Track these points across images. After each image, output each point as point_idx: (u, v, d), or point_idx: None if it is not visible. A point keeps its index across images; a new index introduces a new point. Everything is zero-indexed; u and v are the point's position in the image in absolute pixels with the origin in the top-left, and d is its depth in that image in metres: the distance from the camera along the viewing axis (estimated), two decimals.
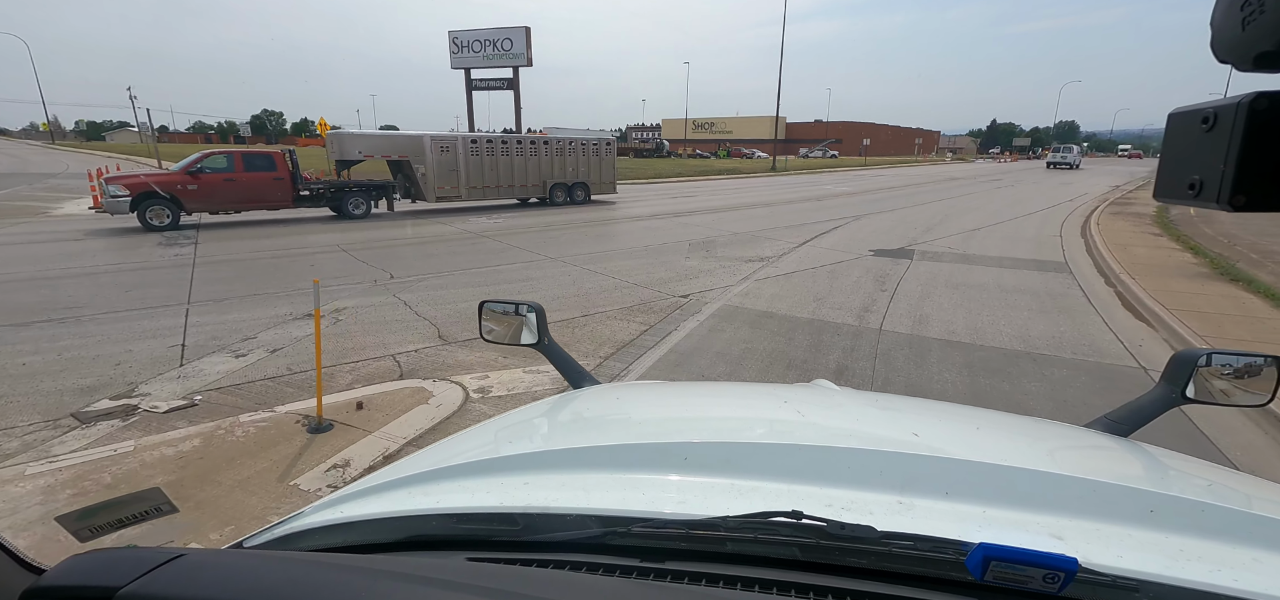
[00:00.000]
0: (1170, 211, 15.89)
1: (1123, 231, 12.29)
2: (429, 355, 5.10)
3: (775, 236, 11.56)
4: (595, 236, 11.67)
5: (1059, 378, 4.75)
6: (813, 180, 30.49)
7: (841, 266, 8.86)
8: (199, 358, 4.97)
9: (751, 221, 13.77)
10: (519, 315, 1.66)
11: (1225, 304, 6.81)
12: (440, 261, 9.10)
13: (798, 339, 5.62)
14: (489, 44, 41.56)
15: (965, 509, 0.80)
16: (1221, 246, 10.44)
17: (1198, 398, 1.26)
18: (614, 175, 19.08)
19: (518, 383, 4.53)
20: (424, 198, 15.43)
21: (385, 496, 0.94)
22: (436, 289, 7.30)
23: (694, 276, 8.16)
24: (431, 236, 11.63)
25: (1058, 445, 1.19)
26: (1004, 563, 0.60)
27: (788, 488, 0.86)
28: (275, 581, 0.60)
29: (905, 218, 14.88)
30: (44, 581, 0.60)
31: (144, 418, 3.90)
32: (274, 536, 0.90)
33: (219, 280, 7.75)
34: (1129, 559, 0.69)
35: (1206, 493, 0.93)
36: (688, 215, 14.93)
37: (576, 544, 0.78)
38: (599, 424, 1.31)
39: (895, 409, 1.41)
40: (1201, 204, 0.45)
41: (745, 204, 17.86)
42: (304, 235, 11.68)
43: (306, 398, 4.16)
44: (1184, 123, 0.47)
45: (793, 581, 0.69)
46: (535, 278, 8.01)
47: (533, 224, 13.23)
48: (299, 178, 13.43)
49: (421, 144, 15.10)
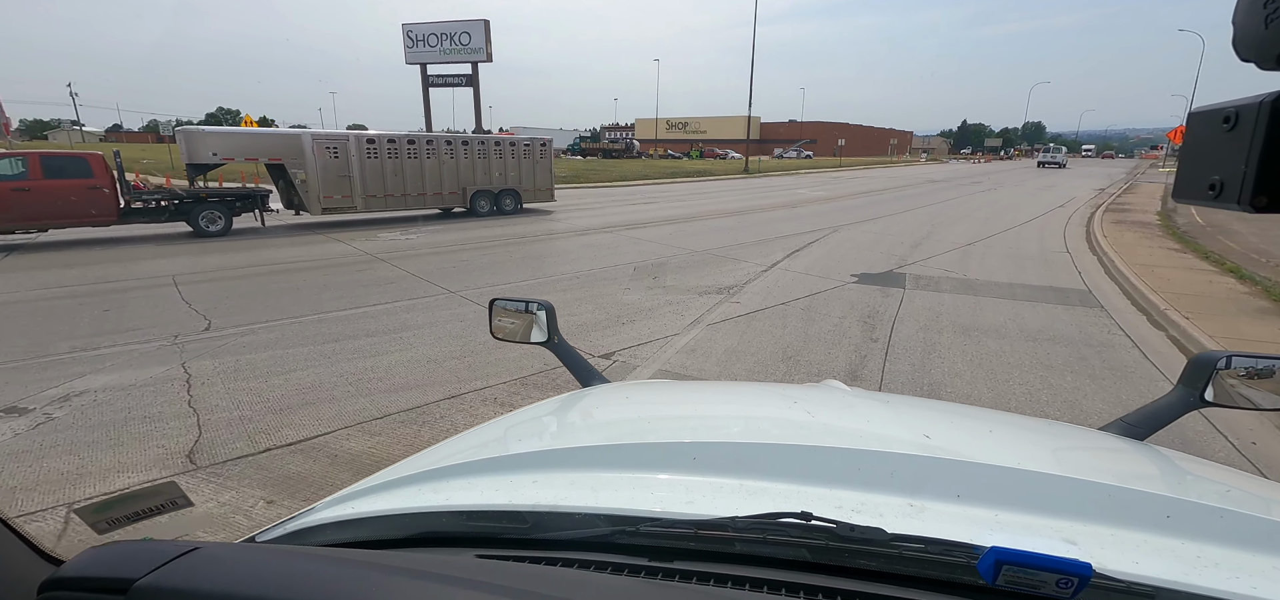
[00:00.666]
0: (1175, 218, 14.47)
1: (1137, 246, 10.70)
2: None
3: (740, 256, 9.66)
4: (520, 260, 9.60)
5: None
6: (786, 183, 28.85)
7: (819, 301, 6.98)
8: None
9: (715, 235, 11.86)
10: (529, 313, 1.66)
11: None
12: (290, 302, 6.90)
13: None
14: (446, 38, 39.04)
15: (977, 512, 0.79)
16: (1258, 264, 8.87)
17: (1217, 401, 1.20)
18: (550, 181, 16.54)
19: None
20: (309, 209, 12.80)
21: (395, 493, 0.95)
22: (257, 352, 5.18)
23: (629, 320, 6.20)
24: (307, 262, 9.35)
25: (1072, 449, 1.18)
26: (1016, 567, 0.59)
27: (797, 489, 0.86)
28: (287, 576, 0.61)
29: (888, 228, 13.15)
30: (63, 572, 0.62)
31: None
32: (286, 531, 0.90)
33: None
34: (1145, 565, 0.68)
35: (1225, 498, 0.91)
36: (641, 228, 12.94)
37: (585, 543, 0.79)
38: (608, 423, 1.30)
39: (906, 410, 1.41)
40: (1222, 205, 0.45)
41: (710, 213, 15.96)
42: (132, 262, 9.29)
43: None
44: (1204, 122, 0.46)
45: (802, 583, 0.69)
46: (414, 326, 5.93)
47: (448, 242, 11.08)
48: (126, 185, 10.86)
49: (299, 144, 12.37)
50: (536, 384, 4.52)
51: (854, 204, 18.65)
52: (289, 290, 7.44)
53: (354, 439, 3.68)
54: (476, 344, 5.34)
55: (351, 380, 4.55)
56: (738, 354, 5.22)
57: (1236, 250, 10.22)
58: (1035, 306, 6.88)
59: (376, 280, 7.97)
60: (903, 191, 24.16)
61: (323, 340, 5.46)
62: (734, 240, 11.25)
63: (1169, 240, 11.76)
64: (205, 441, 3.62)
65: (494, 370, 4.75)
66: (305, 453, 3.52)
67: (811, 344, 5.46)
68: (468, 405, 4.16)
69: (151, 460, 3.42)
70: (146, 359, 4.97)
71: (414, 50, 39.52)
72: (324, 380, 4.55)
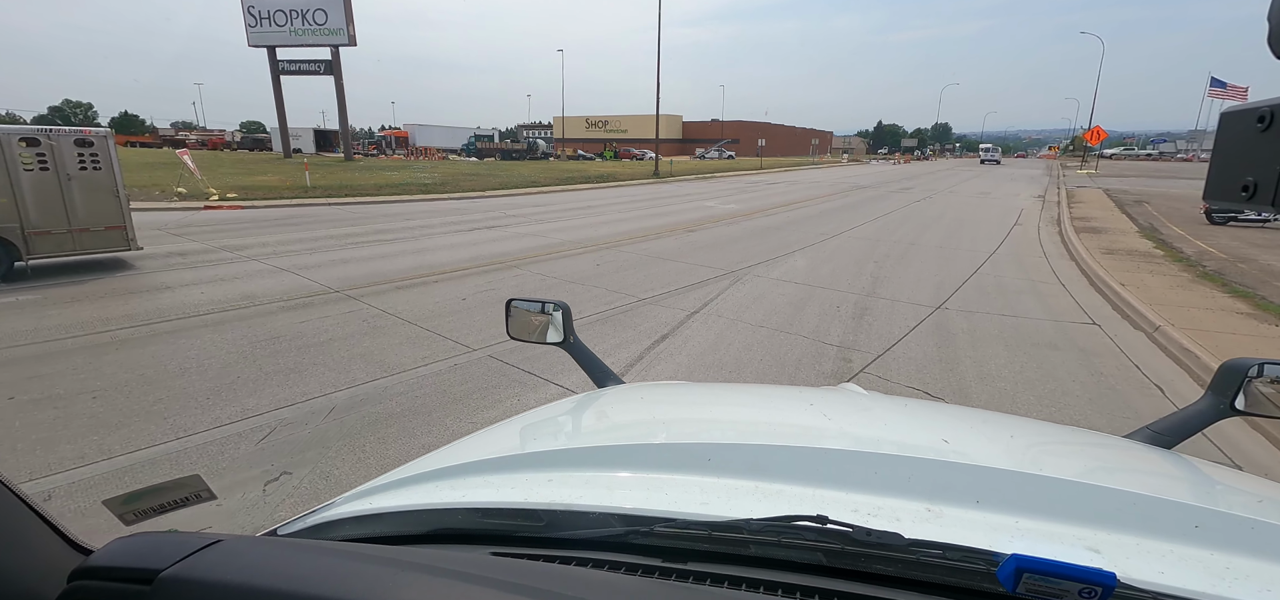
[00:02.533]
0: (1181, 247, 11.17)
1: (1159, 287, 7.03)
2: None
3: (530, 379, 4.98)
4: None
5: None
6: (697, 191, 24.66)
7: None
8: None
9: (521, 295, 7.12)
10: (545, 314, 1.63)
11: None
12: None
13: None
14: (296, 15, 32.11)
15: (997, 519, 0.77)
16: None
17: (1249, 409, 1.16)
18: (121, 210, 8.54)
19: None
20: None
21: (413, 490, 0.95)
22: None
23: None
24: None
25: (1096, 456, 1.16)
26: (1037, 575, 0.57)
27: (813, 492, 0.84)
28: (306, 569, 0.61)
29: (817, 271, 8.92)
30: (92, 561, 0.63)
31: None
32: (306, 525, 0.91)
33: None
34: (1171, 575, 0.66)
35: (1257, 509, 0.86)
36: (393, 291, 8.05)
37: (599, 542, 0.78)
38: (623, 423, 1.29)
39: (925, 415, 1.38)
40: (1256, 206, 0.43)
41: (564, 247, 11.18)
42: None
43: None
44: (1238, 122, 0.45)
45: (817, 587, 0.68)
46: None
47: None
48: None
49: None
50: None
51: (770, 224, 14.51)
52: None
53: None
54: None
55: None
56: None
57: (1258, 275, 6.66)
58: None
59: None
60: (831, 202, 20.47)
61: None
62: (573, 301, 6.56)
63: (1183, 270, 8.28)
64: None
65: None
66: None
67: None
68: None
69: None
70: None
71: (258, 29, 32.42)
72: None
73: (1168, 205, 19.35)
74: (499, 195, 21.16)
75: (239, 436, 3.73)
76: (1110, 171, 44.98)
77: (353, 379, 4.62)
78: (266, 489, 3.20)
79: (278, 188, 19.29)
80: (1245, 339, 5.77)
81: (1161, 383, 4.92)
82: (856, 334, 5.94)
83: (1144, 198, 21.95)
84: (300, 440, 3.70)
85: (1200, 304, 7.03)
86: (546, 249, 10.57)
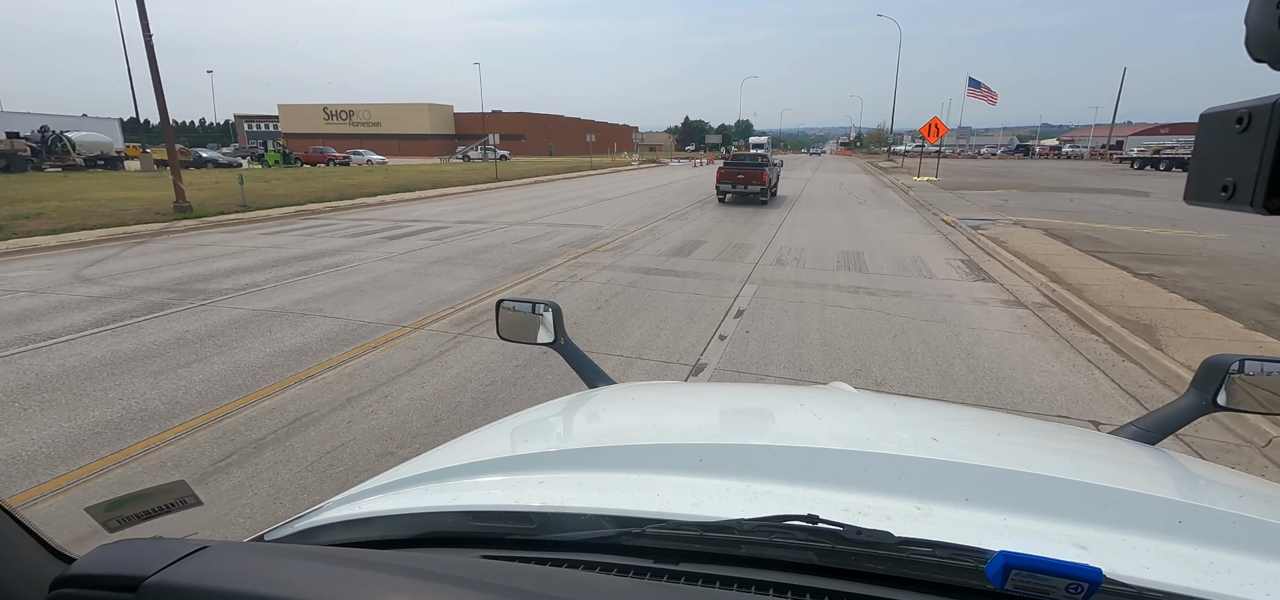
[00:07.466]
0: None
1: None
2: None
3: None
4: None
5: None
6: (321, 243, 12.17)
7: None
8: None
9: None
10: (536, 314, 1.61)
11: None
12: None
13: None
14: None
15: (985, 516, 0.78)
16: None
17: (1230, 405, 1.18)
18: None
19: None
20: None
21: (402, 493, 0.94)
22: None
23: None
24: None
25: (1082, 452, 1.16)
26: (1025, 571, 0.58)
27: (804, 491, 0.85)
28: (294, 574, 0.60)
29: None
30: (74, 570, 0.61)
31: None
32: (294, 530, 0.90)
33: None
34: (1156, 571, 0.67)
35: (1239, 504, 0.88)
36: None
37: (590, 544, 0.78)
38: (614, 424, 1.29)
39: (913, 413, 1.40)
40: (1234, 207, 0.44)
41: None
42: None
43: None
44: (1216, 123, 0.45)
45: (808, 586, 0.68)
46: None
47: None
48: None
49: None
50: None
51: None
52: None
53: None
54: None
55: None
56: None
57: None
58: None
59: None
60: (537, 273, 9.06)
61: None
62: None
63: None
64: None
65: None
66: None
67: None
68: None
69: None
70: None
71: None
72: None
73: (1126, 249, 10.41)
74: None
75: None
76: (951, 174, 34.41)
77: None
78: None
79: None
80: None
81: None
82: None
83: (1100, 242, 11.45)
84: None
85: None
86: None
